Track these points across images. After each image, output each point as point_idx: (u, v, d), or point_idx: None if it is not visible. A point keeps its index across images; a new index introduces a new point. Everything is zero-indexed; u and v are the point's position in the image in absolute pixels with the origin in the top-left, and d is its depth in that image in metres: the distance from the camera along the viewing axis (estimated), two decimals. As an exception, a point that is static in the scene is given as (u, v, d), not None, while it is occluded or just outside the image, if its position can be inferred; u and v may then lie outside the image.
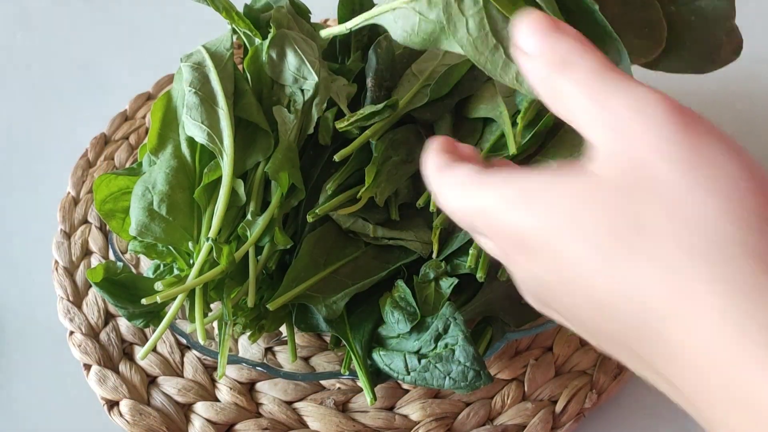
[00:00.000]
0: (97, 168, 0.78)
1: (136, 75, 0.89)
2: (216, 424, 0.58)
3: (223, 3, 0.60)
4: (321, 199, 0.56)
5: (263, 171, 0.54)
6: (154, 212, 0.52)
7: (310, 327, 0.53)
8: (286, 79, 0.57)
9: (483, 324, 0.54)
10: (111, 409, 0.59)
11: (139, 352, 0.55)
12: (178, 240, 0.53)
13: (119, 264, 0.53)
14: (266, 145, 0.55)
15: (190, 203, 0.54)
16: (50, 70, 0.93)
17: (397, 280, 0.54)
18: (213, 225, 0.51)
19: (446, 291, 0.52)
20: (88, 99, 0.89)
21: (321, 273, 0.53)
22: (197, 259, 0.51)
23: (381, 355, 0.50)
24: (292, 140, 0.55)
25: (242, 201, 0.53)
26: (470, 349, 0.46)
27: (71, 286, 0.68)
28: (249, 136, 0.56)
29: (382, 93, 0.61)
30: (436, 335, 0.48)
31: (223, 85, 0.55)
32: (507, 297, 0.55)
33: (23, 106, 0.88)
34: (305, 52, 0.58)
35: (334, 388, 0.60)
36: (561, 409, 0.58)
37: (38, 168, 0.81)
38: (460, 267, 0.53)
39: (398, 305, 0.51)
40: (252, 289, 0.53)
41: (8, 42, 0.97)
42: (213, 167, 0.53)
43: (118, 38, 0.97)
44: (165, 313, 0.51)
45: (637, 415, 0.59)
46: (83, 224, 0.73)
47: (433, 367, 0.47)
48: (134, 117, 0.83)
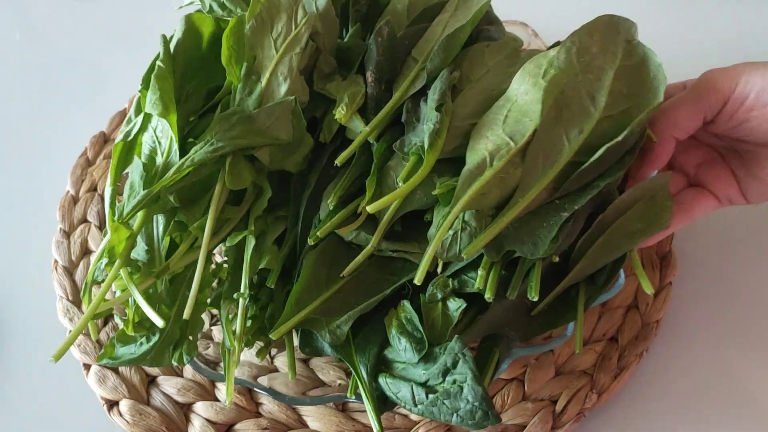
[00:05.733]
0: (97, 167, 0.76)
1: (136, 74, 0.87)
2: (216, 424, 0.59)
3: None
4: (321, 212, 0.54)
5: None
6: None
7: (315, 351, 0.52)
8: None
9: (488, 342, 0.53)
10: (111, 409, 0.60)
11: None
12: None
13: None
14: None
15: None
16: (50, 70, 0.91)
17: (403, 300, 0.52)
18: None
19: (454, 314, 0.51)
20: (87, 98, 0.88)
21: (324, 294, 0.52)
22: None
23: (388, 382, 0.49)
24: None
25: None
26: (479, 389, 0.45)
27: (71, 286, 0.67)
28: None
29: (382, 87, 0.57)
30: (444, 369, 0.47)
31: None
32: (513, 309, 0.54)
33: (22, 106, 0.87)
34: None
35: (335, 385, 0.60)
36: (561, 409, 0.59)
37: (37, 167, 0.80)
38: (468, 284, 0.52)
39: (405, 330, 0.50)
40: (242, 313, 0.51)
41: (8, 42, 0.95)
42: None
43: (117, 38, 0.95)
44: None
45: (637, 415, 0.60)
46: (83, 223, 0.72)
47: (441, 403, 0.46)
48: None
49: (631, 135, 0.51)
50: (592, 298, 0.54)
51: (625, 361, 0.61)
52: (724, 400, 0.61)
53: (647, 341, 0.62)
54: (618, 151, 0.51)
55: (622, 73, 0.53)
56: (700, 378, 0.62)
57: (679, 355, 0.63)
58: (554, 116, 0.51)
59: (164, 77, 0.51)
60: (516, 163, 0.50)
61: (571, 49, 0.53)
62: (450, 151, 0.53)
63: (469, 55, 0.58)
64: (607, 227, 0.52)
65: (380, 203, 0.49)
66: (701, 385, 0.61)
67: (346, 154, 0.53)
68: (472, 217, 0.50)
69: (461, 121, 0.54)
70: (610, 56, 0.53)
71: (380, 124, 0.56)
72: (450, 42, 0.57)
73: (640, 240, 0.53)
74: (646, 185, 0.53)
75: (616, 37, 0.54)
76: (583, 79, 0.52)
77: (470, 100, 0.55)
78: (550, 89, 0.51)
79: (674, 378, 0.62)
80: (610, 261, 0.54)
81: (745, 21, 0.90)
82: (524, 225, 0.50)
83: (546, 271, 0.53)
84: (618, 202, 0.52)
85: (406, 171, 0.52)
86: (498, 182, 0.49)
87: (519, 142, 0.50)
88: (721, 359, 0.63)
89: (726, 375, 0.62)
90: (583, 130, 0.51)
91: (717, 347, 0.64)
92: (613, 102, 0.52)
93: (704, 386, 0.61)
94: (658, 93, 0.52)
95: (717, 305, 0.66)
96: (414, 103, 0.56)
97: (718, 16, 0.91)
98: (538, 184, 0.50)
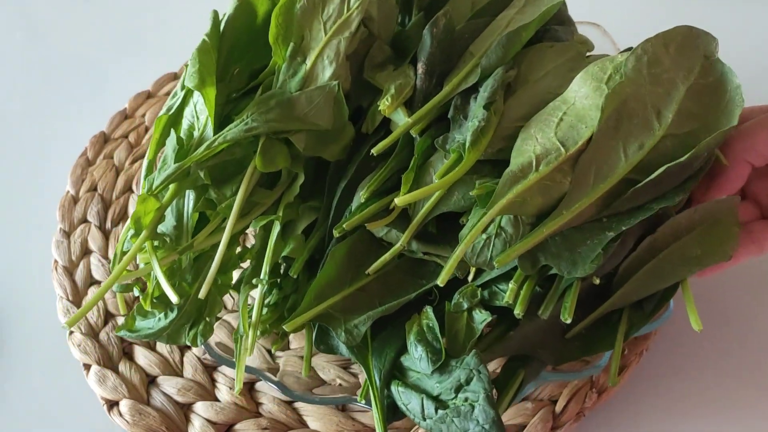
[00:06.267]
0: (97, 167, 0.76)
1: (136, 73, 0.89)
2: (216, 424, 0.57)
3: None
4: (354, 205, 0.51)
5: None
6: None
7: (330, 349, 0.50)
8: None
9: (516, 362, 0.50)
10: (111, 408, 0.59)
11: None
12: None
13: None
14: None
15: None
16: (50, 70, 0.92)
17: (426, 306, 0.49)
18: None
19: (478, 327, 0.47)
20: (87, 97, 0.88)
21: (346, 290, 0.50)
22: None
23: (399, 391, 0.47)
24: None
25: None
26: (491, 412, 0.42)
27: (71, 286, 0.67)
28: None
29: (433, 81, 0.54)
30: (457, 385, 0.44)
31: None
32: (548, 330, 0.50)
33: (23, 106, 0.87)
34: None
35: (335, 383, 0.58)
36: (561, 409, 0.57)
37: (38, 167, 0.80)
38: (498, 297, 0.48)
39: (424, 337, 0.47)
40: (259, 300, 0.50)
41: (8, 42, 0.96)
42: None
43: (118, 38, 0.96)
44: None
45: (637, 415, 0.59)
46: (83, 223, 0.72)
47: (450, 420, 0.43)
48: (134, 115, 0.81)
49: (696, 158, 0.46)
50: (635, 327, 0.50)
51: (625, 360, 0.59)
52: (724, 399, 0.60)
53: (647, 341, 0.60)
54: (679, 174, 0.46)
55: (696, 90, 0.48)
56: (699, 378, 0.61)
57: (679, 354, 0.62)
58: (613, 126, 0.47)
59: (206, 51, 0.50)
60: (564, 172, 0.46)
61: (641, 58, 0.49)
62: (494, 153, 0.49)
63: (530, 55, 0.55)
64: (659, 251, 0.48)
65: (410, 197, 0.47)
66: (701, 384, 0.61)
67: (384, 144, 0.50)
68: (510, 223, 0.47)
69: (511, 122, 0.50)
70: (685, 71, 0.49)
71: (425, 118, 0.53)
72: (511, 39, 0.54)
73: (696, 268, 0.48)
74: (710, 208, 0.49)
75: (694, 52, 0.50)
76: (651, 91, 0.48)
77: (524, 101, 0.52)
78: (613, 96, 0.47)
79: (674, 378, 0.61)
80: (661, 288, 0.50)
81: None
82: (565, 240, 0.46)
83: (586, 292, 0.48)
84: (673, 224, 0.47)
85: (444, 168, 0.48)
86: (542, 189, 0.46)
87: (571, 149, 0.46)
88: (721, 359, 0.62)
89: (726, 375, 0.61)
90: (643, 146, 0.47)
91: (717, 347, 0.63)
92: (680, 120, 0.47)
93: (704, 386, 0.61)
94: (732, 117, 0.48)
95: (717, 305, 0.65)
96: (464, 99, 0.53)
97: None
98: (586, 197, 0.46)
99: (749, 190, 0.55)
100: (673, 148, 0.47)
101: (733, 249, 0.49)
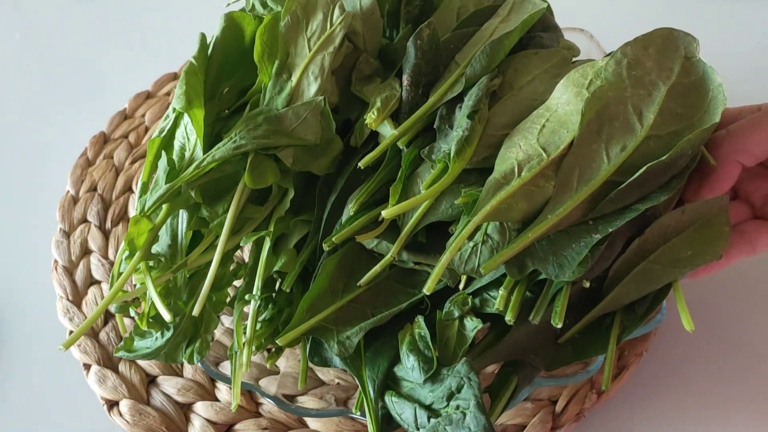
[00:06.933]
0: (96, 167, 0.77)
1: (136, 74, 0.89)
2: (216, 424, 0.58)
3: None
4: (344, 218, 0.52)
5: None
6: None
7: (324, 362, 0.50)
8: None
9: (509, 367, 0.50)
10: (111, 408, 0.60)
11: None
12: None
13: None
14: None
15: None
16: (50, 70, 0.92)
17: (418, 316, 0.49)
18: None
19: (470, 334, 0.47)
20: (87, 98, 0.88)
21: (338, 302, 0.50)
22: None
23: (393, 402, 0.47)
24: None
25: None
26: (482, 418, 0.42)
27: (71, 286, 0.67)
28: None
29: (419, 92, 0.55)
30: (448, 393, 0.44)
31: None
32: (540, 336, 0.50)
33: (23, 106, 0.88)
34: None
35: (334, 383, 0.58)
36: (561, 409, 0.57)
37: (38, 167, 0.81)
38: (489, 304, 0.48)
39: (416, 347, 0.47)
40: (252, 316, 0.50)
41: (8, 42, 0.97)
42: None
43: (118, 38, 0.96)
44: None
45: (637, 416, 0.59)
46: (82, 223, 0.72)
47: (443, 429, 0.43)
48: (133, 115, 0.82)
49: (679, 157, 0.46)
50: (628, 330, 0.50)
51: (625, 361, 0.59)
52: (724, 399, 0.60)
53: (647, 341, 0.60)
54: (663, 174, 0.46)
55: (677, 91, 0.49)
56: (699, 378, 0.61)
57: (678, 355, 0.62)
58: (595, 130, 0.47)
59: (193, 73, 0.51)
60: (548, 176, 0.47)
61: (621, 61, 0.49)
62: (480, 161, 0.50)
63: (515, 62, 0.55)
64: (649, 253, 0.48)
65: (397, 209, 0.47)
66: (701, 385, 0.61)
67: (371, 157, 0.51)
68: (496, 230, 0.47)
69: (496, 130, 0.51)
70: (665, 72, 0.49)
71: (411, 129, 0.53)
72: (494, 47, 0.54)
73: (687, 269, 0.48)
74: (699, 208, 0.48)
75: (674, 53, 0.50)
76: (632, 93, 0.48)
77: (509, 109, 0.52)
78: (593, 100, 0.47)
79: (674, 378, 0.61)
80: (653, 290, 0.50)
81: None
82: (552, 244, 0.46)
83: (578, 296, 0.49)
84: (661, 225, 0.47)
85: (431, 178, 0.49)
86: (525, 195, 0.46)
87: (552, 154, 0.47)
88: (720, 359, 0.62)
89: (726, 375, 0.61)
90: (626, 148, 0.47)
91: (717, 347, 0.63)
92: (663, 121, 0.47)
93: (704, 386, 0.61)
94: (715, 114, 0.48)
95: (717, 305, 0.65)
96: (449, 109, 0.53)
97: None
98: (570, 201, 0.46)
99: (741, 190, 0.55)
100: (658, 148, 0.47)
101: (724, 248, 0.48)
